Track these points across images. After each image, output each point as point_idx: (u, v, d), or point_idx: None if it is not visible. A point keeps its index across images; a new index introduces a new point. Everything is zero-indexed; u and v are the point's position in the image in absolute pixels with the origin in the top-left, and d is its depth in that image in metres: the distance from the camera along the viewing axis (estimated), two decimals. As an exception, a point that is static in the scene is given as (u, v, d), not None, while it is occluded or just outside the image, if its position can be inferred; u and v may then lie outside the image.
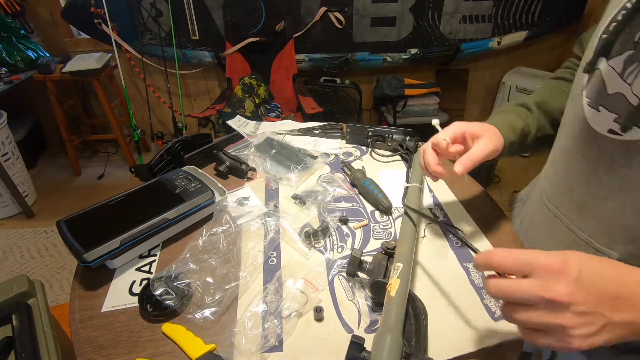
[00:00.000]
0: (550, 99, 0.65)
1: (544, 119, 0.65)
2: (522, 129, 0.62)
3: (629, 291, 0.32)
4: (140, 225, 0.62)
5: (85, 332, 0.54)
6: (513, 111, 0.65)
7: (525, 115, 0.64)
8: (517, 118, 0.63)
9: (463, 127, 0.59)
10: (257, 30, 2.21)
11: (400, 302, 0.45)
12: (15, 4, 2.12)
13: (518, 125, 0.62)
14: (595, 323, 0.31)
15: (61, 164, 2.54)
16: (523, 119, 0.63)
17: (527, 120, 0.64)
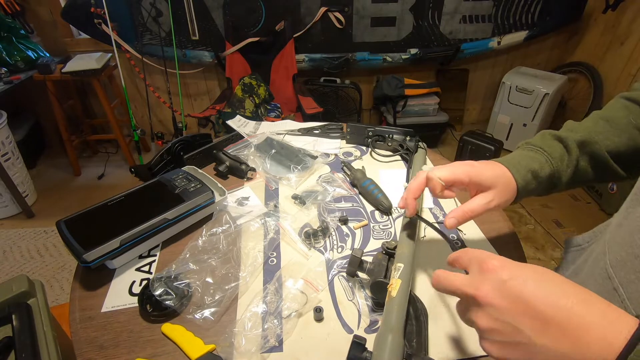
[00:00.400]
0: (603, 137, 0.50)
1: (587, 162, 0.51)
2: (548, 176, 0.50)
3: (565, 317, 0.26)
4: (140, 225, 0.62)
5: (85, 332, 0.54)
6: (544, 150, 0.51)
7: (559, 158, 0.50)
8: (546, 163, 0.50)
9: (467, 171, 0.48)
10: (257, 30, 2.21)
11: (402, 303, 0.45)
12: (15, 4, 2.12)
13: (544, 172, 0.50)
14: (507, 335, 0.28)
15: (61, 164, 2.54)
16: (554, 164, 0.50)
17: (560, 165, 0.50)
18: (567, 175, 0.51)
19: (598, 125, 0.51)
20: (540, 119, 2.32)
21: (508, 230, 0.71)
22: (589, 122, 0.53)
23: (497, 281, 0.30)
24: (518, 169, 0.50)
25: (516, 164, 0.50)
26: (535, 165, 0.50)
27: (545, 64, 2.68)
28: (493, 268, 0.31)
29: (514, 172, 0.49)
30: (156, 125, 2.67)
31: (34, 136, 2.52)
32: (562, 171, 0.51)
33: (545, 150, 0.51)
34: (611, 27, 2.28)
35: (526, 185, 0.49)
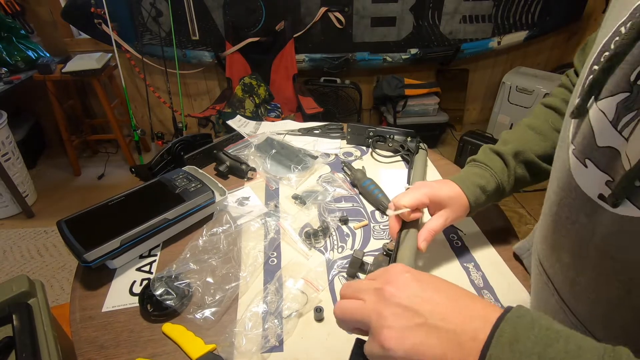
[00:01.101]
0: (532, 145, 0.59)
1: (523, 170, 0.59)
2: (495, 189, 0.58)
3: (454, 297, 0.31)
4: (140, 225, 0.62)
5: (85, 332, 0.54)
6: (487, 167, 0.59)
7: (500, 172, 0.59)
8: (491, 177, 0.58)
9: (426, 193, 0.56)
10: (257, 30, 2.21)
11: None
12: (15, 4, 2.12)
13: (490, 186, 0.58)
14: (408, 318, 0.29)
15: (61, 164, 2.54)
16: (498, 177, 0.58)
17: (502, 177, 0.58)
18: (510, 184, 0.59)
19: (527, 134, 0.60)
20: (540, 119, 2.32)
21: (508, 230, 0.71)
22: (519, 133, 0.61)
23: (400, 276, 0.32)
24: (468, 186, 0.57)
25: (466, 181, 0.58)
26: (483, 182, 0.58)
27: (545, 64, 2.68)
28: (393, 270, 0.33)
29: (466, 190, 0.57)
30: (156, 125, 2.67)
31: (34, 136, 2.52)
32: (505, 182, 0.58)
33: (489, 165, 0.59)
34: (611, 27, 2.28)
35: (476, 200, 0.57)
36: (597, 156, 0.32)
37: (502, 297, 0.57)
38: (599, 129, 0.32)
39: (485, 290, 0.58)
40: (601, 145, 0.32)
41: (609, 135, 0.31)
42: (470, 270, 0.62)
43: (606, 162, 0.31)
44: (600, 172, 0.32)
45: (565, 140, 0.38)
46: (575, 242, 0.37)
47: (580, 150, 0.34)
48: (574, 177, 0.35)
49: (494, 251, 0.66)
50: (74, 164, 2.41)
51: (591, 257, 0.35)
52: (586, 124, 0.33)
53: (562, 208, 0.38)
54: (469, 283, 0.59)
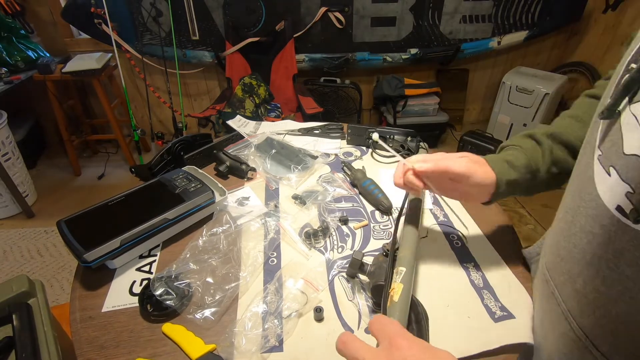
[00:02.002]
0: (571, 130, 0.53)
1: (562, 151, 0.53)
2: (525, 165, 0.52)
3: None
4: (140, 225, 0.62)
5: (85, 332, 0.54)
6: (514, 144, 0.56)
7: (531, 149, 0.54)
8: (520, 154, 0.54)
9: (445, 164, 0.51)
10: (257, 30, 2.21)
11: (404, 308, 0.45)
12: (15, 4, 2.12)
13: (519, 161, 0.52)
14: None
15: (61, 164, 2.54)
16: (527, 153, 0.53)
17: (534, 155, 0.53)
18: (546, 163, 0.53)
19: (565, 121, 0.55)
20: (540, 119, 2.32)
21: (508, 230, 0.71)
22: (557, 121, 0.57)
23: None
24: (493, 160, 0.54)
25: (491, 157, 0.55)
26: (510, 157, 0.53)
27: (545, 64, 2.68)
28: (400, 346, 0.32)
29: (490, 161, 0.53)
30: (156, 125, 2.67)
31: (34, 136, 2.52)
32: (538, 160, 0.53)
33: (516, 144, 0.56)
34: (611, 27, 2.28)
35: (504, 173, 0.52)
36: (622, 164, 0.30)
37: (502, 298, 0.57)
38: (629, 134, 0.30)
39: (485, 290, 0.58)
40: (628, 153, 0.29)
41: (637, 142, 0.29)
42: (470, 270, 0.62)
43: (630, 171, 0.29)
44: (623, 182, 0.30)
45: (591, 143, 0.35)
46: (587, 253, 0.35)
47: (606, 156, 0.32)
48: (596, 186, 0.33)
49: (494, 251, 0.66)
50: (74, 164, 2.41)
51: (603, 271, 0.33)
52: (616, 128, 0.31)
53: (578, 216, 0.36)
54: (469, 283, 0.59)
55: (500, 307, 0.55)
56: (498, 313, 0.54)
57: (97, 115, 2.66)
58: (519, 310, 0.54)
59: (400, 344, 0.32)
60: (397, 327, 0.34)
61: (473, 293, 0.58)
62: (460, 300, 0.56)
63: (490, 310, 0.55)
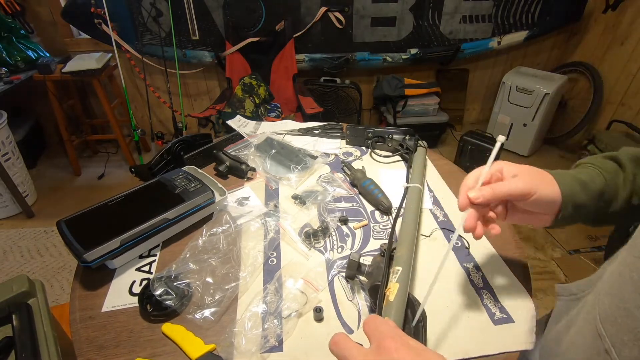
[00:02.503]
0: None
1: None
2: (600, 190, 0.45)
3: None
4: (140, 225, 0.62)
5: (85, 332, 0.54)
6: (594, 166, 0.47)
7: (612, 172, 0.46)
8: (597, 176, 0.45)
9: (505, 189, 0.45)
10: (257, 30, 2.21)
11: (399, 307, 0.45)
12: (15, 4, 2.12)
13: (594, 184, 0.44)
14: None
15: (61, 164, 2.54)
16: (605, 177, 0.45)
17: (614, 178, 0.45)
18: (626, 191, 0.45)
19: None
20: (540, 119, 2.32)
21: (508, 230, 0.71)
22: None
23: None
24: (564, 178, 0.45)
25: (562, 174, 0.46)
26: (584, 176, 0.45)
27: (545, 64, 2.68)
28: (388, 349, 0.32)
29: (559, 179, 0.45)
30: (156, 125, 2.67)
31: (34, 136, 2.52)
32: (619, 186, 0.45)
33: (596, 164, 0.47)
34: (611, 27, 2.28)
35: (572, 194, 0.44)
36: None
37: (502, 298, 0.57)
38: None
39: (484, 290, 0.58)
40: None
41: None
42: (470, 271, 0.62)
43: None
44: None
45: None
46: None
47: None
48: None
49: (494, 252, 0.66)
50: (74, 164, 2.41)
51: None
52: None
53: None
54: (469, 283, 0.59)
55: (500, 308, 0.55)
56: (498, 314, 0.54)
57: (97, 115, 2.66)
58: (519, 314, 0.54)
59: (388, 345, 0.32)
60: (388, 327, 0.34)
61: (473, 293, 0.58)
62: (459, 301, 0.56)
63: (490, 311, 0.55)
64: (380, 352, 0.32)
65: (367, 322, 0.36)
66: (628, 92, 2.21)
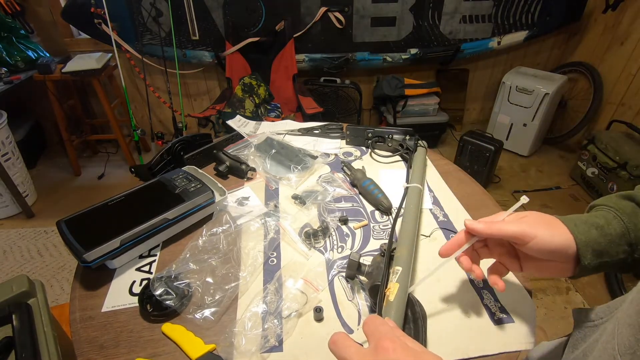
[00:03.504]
0: None
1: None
2: (621, 234, 0.39)
3: None
4: (140, 225, 0.62)
5: (85, 332, 0.54)
6: (610, 208, 0.42)
7: (629, 213, 0.40)
8: (614, 219, 0.40)
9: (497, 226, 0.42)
10: (257, 30, 2.21)
11: (399, 307, 0.45)
12: (15, 4, 2.12)
13: (612, 228, 0.40)
14: None
15: (61, 164, 2.54)
16: (624, 220, 0.40)
17: (633, 220, 0.40)
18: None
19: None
20: (540, 119, 2.32)
21: (508, 230, 0.71)
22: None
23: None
24: (577, 224, 0.41)
25: (575, 219, 0.42)
26: (599, 220, 0.40)
27: (545, 64, 2.68)
28: (386, 349, 0.32)
29: (572, 226, 0.40)
30: (156, 125, 2.67)
31: (34, 136, 2.52)
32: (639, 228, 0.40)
33: (612, 206, 0.42)
34: (611, 27, 2.28)
35: (588, 241, 0.39)
36: None
37: (502, 298, 0.57)
38: None
39: (485, 290, 0.58)
40: None
41: None
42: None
43: None
44: None
45: None
46: None
47: None
48: None
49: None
50: (74, 164, 2.41)
51: None
52: None
53: None
54: (469, 283, 0.59)
55: (500, 308, 0.55)
56: (498, 314, 0.54)
57: (97, 115, 2.66)
58: (519, 314, 0.54)
59: (386, 346, 0.32)
60: (387, 328, 0.35)
61: (473, 293, 0.58)
62: (460, 301, 0.56)
63: (490, 311, 0.55)
64: (378, 352, 0.32)
65: (367, 322, 0.36)
66: (628, 92, 2.21)
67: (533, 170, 2.42)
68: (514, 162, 2.50)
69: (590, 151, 2.11)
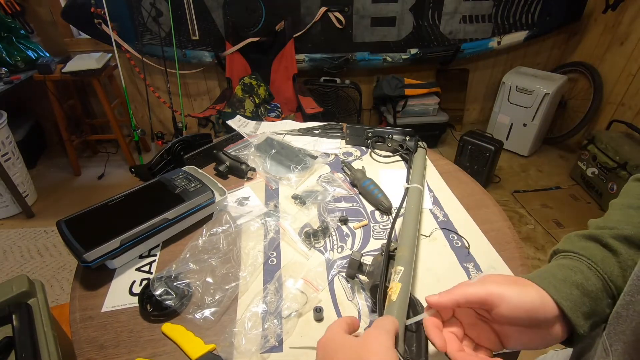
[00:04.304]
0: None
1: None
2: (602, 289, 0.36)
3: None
4: (140, 225, 0.62)
5: (85, 332, 0.54)
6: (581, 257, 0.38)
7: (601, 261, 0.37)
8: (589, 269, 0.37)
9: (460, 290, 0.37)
10: (257, 30, 2.21)
11: (402, 307, 0.45)
12: (15, 4, 2.12)
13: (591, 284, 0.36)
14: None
15: (61, 164, 2.54)
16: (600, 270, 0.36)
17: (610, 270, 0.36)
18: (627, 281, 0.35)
19: (631, 216, 0.40)
20: (540, 119, 2.32)
21: (508, 230, 0.71)
22: (618, 214, 0.41)
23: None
24: (555, 285, 0.36)
25: (550, 278, 0.36)
26: (578, 277, 0.36)
27: (545, 64, 2.68)
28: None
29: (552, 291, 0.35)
30: (156, 125, 2.67)
31: (34, 136, 2.52)
32: (617, 278, 0.36)
33: (582, 254, 0.38)
34: (611, 27, 2.28)
35: (576, 306, 0.34)
36: None
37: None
38: None
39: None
40: None
41: None
42: (470, 270, 0.62)
43: None
44: None
45: None
46: None
47: None
48: None
49: (494, 251, 0.66)
50: (74, 164, 2.41)
51: None
52: None
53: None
54: (469, 283, 0.59)
55: None
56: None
57: (97, 115, 2.66)
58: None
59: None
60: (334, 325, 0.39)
61: None
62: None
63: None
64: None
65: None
66: (628, 92, 2.21)
67: (533, 170, 2.42)
68: (514, 162, 2.50)
69: (590, 151, 2.11)
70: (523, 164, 2.48)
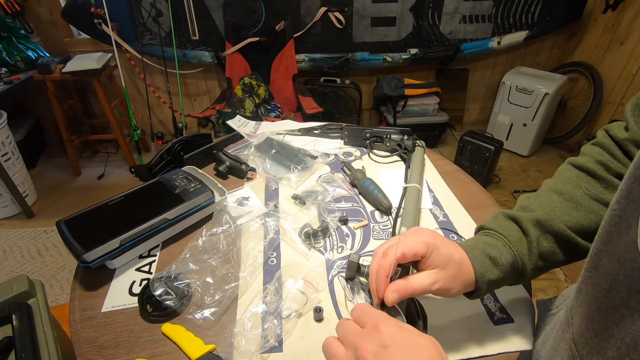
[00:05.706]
0: (560, 213, 0.45)
1: (552, 244, 0.45)
2: (511, 263, 0.44)
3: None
4: (140, 225, 0.62)
5: (85, 332, 0.54)
6: (499, 233, 0.47)
7: (516, 242, 0.45)
8: (504, 247, 0.45)
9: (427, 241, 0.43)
10: (257, 30, 2.21)
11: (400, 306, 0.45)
12: (15, 4, 2.12)
13: (504, 259, 0.44)
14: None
15: (61, 164, 2.54)
16: (514, 248, 0.45)
17: (520, 249, 0.45)
18: (532, 260, 0.45)
19: (552, 200, 0.47)
20: (540, 119, 2.32)
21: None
22: (542, 197, 0.48)
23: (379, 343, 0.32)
24: (476, 254, 0.44)
25: (474, 248, 0.45)
26: (494, 252, 0.44)
27: (545, 64, 2.68)
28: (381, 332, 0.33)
29: (472, 257, 0.44)
30: (156, 125, 2.68)
31: (34, 136, 2.52)
32: (524, 256, 0.45)
33: (502, 233, 0.46)
34: (611, 27, 2.28)
35: (485, 272, 0.43)
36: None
37: (501, 297, 0.57)
38: None
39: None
40: None
41: None
42: (470, 271, 0.62)
43: None
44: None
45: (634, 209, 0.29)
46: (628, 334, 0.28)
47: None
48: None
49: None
50: (74, 164, 2.41)
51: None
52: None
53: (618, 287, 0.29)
54: (469, 283, 0.59)
55: (499, 308, 0.55)
56: (497, 314, 0.54)
57: (97, 115, 2.66)
58: (519, 314, 0.54)
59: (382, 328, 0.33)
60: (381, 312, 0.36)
61: (472, 293, 0.58)
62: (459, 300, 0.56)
63: (490, 311, 0.55)
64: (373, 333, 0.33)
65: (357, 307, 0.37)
66: (628, 92, 2.21)
67: (533, 170, 2.42)
68: (513, 162, 2.50)
69: (590, 151, 2.10)
70: (523, 164, 2.48)
